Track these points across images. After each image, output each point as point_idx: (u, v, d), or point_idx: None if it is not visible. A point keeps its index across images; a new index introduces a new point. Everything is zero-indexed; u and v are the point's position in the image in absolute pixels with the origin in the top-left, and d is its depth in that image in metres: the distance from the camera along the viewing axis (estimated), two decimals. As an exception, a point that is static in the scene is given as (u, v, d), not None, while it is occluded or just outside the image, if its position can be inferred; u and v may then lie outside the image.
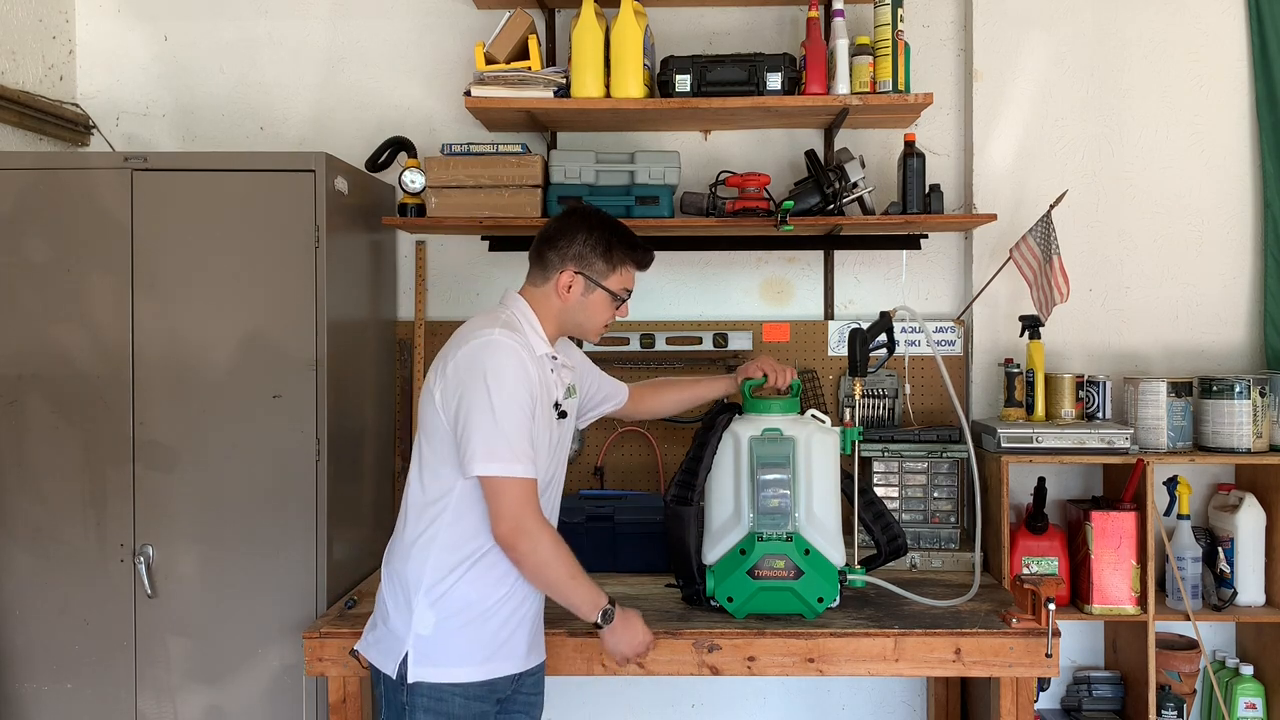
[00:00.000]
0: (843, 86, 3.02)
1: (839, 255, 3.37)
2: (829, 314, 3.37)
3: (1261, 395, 2.98)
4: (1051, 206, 3.05)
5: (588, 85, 3.02)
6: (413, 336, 3.33)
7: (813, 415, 2.56)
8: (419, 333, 3.33)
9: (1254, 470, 3.10)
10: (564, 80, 3.05)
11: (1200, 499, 3.21)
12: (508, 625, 2.16)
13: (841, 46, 3.03)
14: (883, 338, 2.64)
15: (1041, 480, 3.04)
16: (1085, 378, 3.11)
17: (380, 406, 3.25)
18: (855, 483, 2.59)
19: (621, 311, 2.32)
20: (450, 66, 3.39)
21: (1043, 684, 2.56)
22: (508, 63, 3.07)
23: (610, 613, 2.18)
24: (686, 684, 3.38)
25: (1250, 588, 3.02)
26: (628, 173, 3.10)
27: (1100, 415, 3.10)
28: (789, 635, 2.43)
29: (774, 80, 3.02)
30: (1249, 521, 3.03)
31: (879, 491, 2.97)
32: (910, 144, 3.10)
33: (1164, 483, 3.04)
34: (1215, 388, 3.00)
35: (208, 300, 2.74)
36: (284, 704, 2.75)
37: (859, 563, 2.59)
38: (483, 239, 3.35)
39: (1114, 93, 3.27)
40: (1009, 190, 3.26)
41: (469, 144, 3.10)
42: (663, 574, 2.75)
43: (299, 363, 2.74)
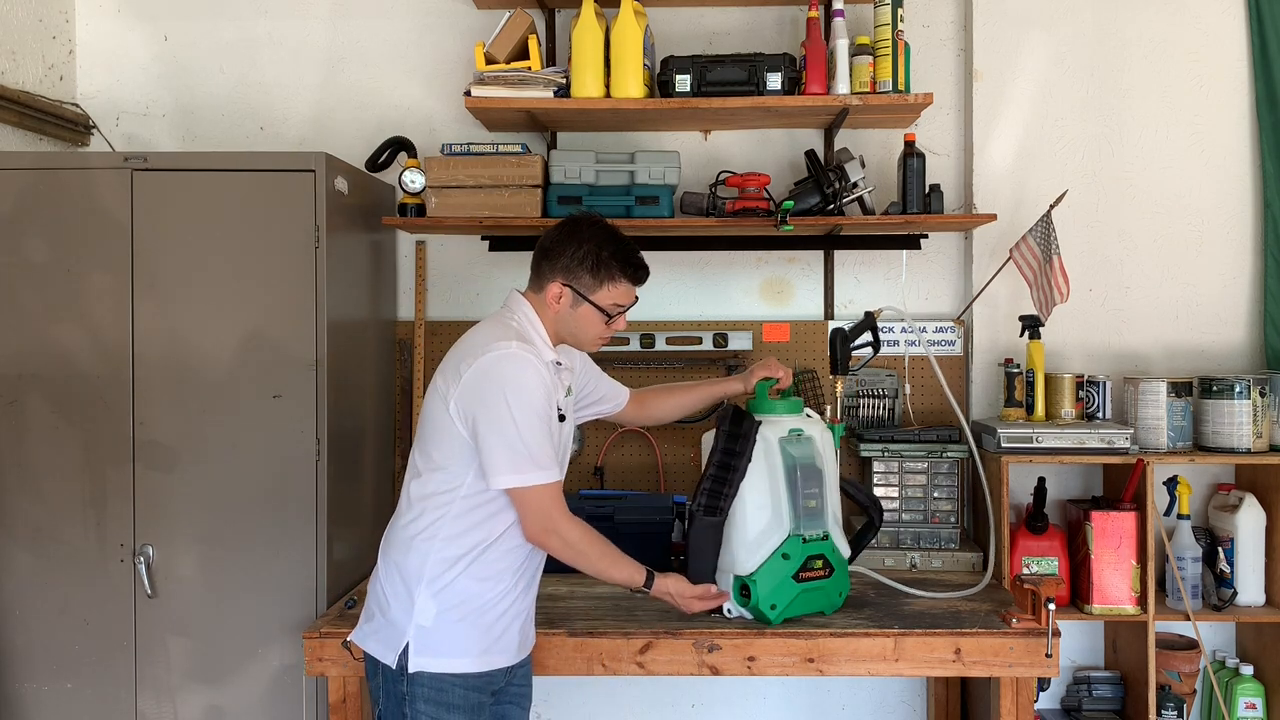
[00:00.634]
0: (843, 86, 3.03)
1: (839, 255, 3.37)
2: (829, 314, 3.37)
3: (1261, 395, 2.98)
4: (1051, 206, 3.05)
5: (588, 85, 3.02)
6: (413, 336, 3.33)
7: (807, 414, 2.57)
8: (419, 333, 3.32)
9: (1254, 470, 3.10)
10: (564, 80, 3.05)
11: (1200, 499, 3.21)
12: (504, 619, 2.20)
13: (841, 46, 3.03)
14: (867, 336, 2.64)
15: (1041, 480, 3.04)
16: (1085, 378, 3.11)
17: (380, 406, 3.25)
18: (838, 477, 2.58)
19: (617, 325, 2.31)
20: (450, 66, 3.39)
21: (1043, 684, 2.56)
22: (508, 63, 3.07)
23: (651, 579, 2.32)
24: (686, 684, 3.38)
25: (1250, 588, 3.02)
26: (628, 173, 3.10)
27: (1100, 415, 3.10)
28: (789, 635, 2.43)
29: (774, 80, 3.03)
30: (1249, 521, 3.03)
31: (879, 492, 3.01)
32: (910, 144, 3.10)
33: (1164, 483, 3.04)
34: (1215, 388, 3.00)
35: (208, 300, 2.74)
36: (284, 704, 2.76)
37: (850, 544, 2.59)
38: (483, 239, 3.35)
39: (1114, 93, 3.27)
40: (1009, 190, 3.26)
41: (469, 144, 3.10)
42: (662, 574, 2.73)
43: (299, 363, 2.74)
